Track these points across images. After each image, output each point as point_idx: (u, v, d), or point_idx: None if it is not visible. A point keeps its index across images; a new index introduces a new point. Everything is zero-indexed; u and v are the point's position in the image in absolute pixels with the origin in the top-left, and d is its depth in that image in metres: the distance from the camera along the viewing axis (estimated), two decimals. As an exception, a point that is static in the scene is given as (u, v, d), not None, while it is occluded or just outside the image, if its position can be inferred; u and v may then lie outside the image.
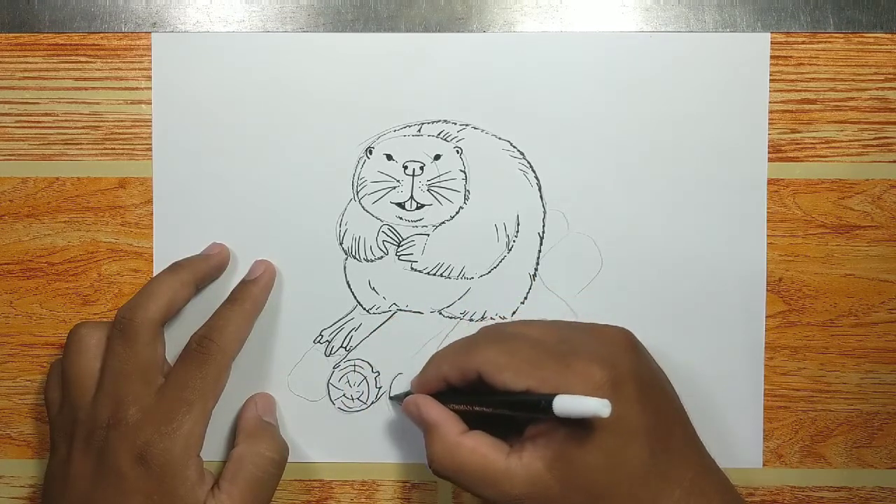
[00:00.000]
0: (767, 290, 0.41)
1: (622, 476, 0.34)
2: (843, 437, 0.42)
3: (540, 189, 0.41)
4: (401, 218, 0.41)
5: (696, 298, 0.41)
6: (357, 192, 0.41)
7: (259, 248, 0.42)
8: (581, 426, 0.33)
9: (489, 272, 0.42)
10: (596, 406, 0.31)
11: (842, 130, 0.41)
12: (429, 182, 0.41)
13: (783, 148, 0.41)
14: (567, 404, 0.32)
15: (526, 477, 0.34)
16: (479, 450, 0.35)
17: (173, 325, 0.41)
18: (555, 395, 0.32)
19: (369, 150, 0.41)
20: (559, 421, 0.33)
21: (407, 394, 0.40)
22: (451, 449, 0.36)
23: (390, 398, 0.42)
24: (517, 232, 0.42)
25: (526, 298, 0.42)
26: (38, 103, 0.42)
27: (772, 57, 0.41)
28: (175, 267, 0.40)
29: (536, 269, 0.42)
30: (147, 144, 0.42)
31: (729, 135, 0.41)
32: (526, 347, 0.36)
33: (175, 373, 0.38)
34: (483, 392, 0.36)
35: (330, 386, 0.42)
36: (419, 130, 0.41)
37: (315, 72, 0.41)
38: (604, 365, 0.34)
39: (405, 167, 0.41)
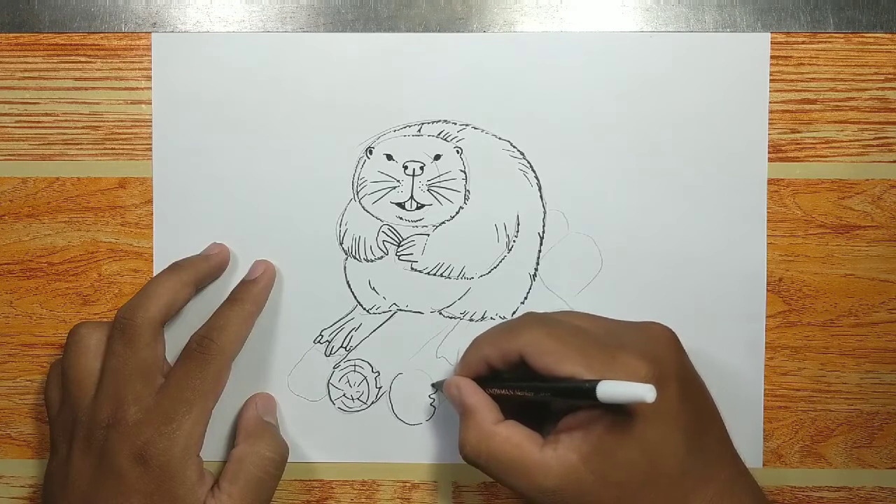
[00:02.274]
0: (767, 290, 0.41)
1: (658, 472, 0.33)
2: (843, 437, 0.42)
3: (540, 189, 0.41)
4: (401, 218, 0.41)
5: (696, 298, 0.41)
6: (357, 192, 0.41)
7: (259, 248, 0.42)
8: (620, 420, 0.33)
9: (489, 272, 0.42)
10: (641, 391, 0.31)
11: (842, 130, 0.41)
12: (429, 182, 0.41)
13: (783, 148, 0.41)
14: (612, 389, 0.31)
15: (560, 469, 0.34)
16: (513, 439, 0.35)
17: (173, 325, 0.41)
18: (599, 380, 0.32)
19: (369, 150, 0.41)
20: (598, 413, 0.33)
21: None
22: (486, 437, 0.35)
23: (433, 385, 0.42)
24: (517, 232, 0.42)
25: (526, 298, 0.42)
26: (38, 103, 0.42)
27: (772, 57, 0.41)
28: (175, 267, 0.40)
29: (536, 269, 0.42)
30: (147, 144, 0.42)
31: (729, 135, 0.41)
32: (572, 334, 0.35)
33: (175, 373, 0.38)
34: (524, 378, 0.36)
35: (330, 386, 0.42)
36: (419, 130, 0.41)
37: (315, 72, 0.41)
38: (649, 360, 0.34)
39: (405, 167, 0.41)
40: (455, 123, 0.41)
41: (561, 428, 0.35)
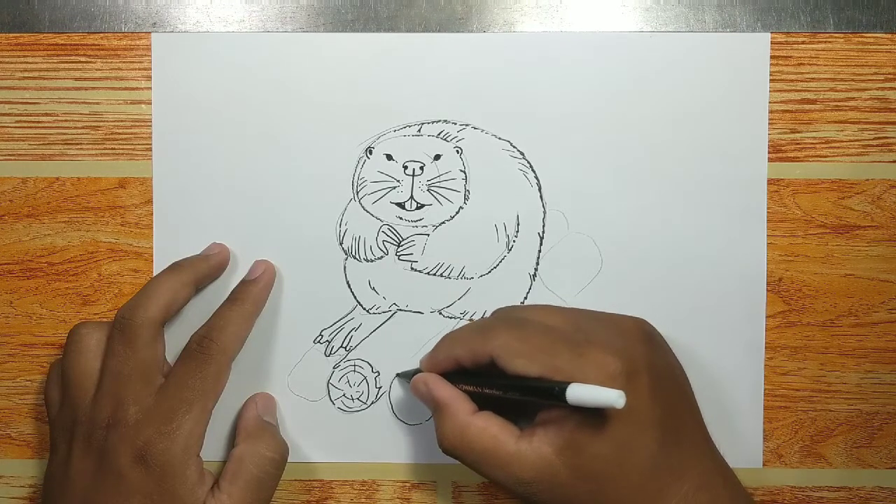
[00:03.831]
0: (767, 290, 0.41)
1: (631, 467, 0.34)
2: (843, 437, 0.42)
3: (540, 189, 0.41)
4: (401, 218, 0.41)
5: (696, 298, 0.41)
6: (357, 192, 0.41)
7: (259, 248, 0.42)
8: (592, 415, 0.33)
9: (489, 272, 0.42)
10: (611, 397, 0.31)
11: (842, 130, 0.41)
12: (429, 182, 0.41)
13: (783, 148, 0.41)
14: (581, 393, 0.32)
15: (535, 461, 0.34)
16: (489, 430, 0.35)
17: (173, 325, 0.41)
18: (569, 383, 0.32)
19: (369, 150, 0.41)
20: (571, 409, 0.33)
21: (416, 372, 0.40)
22: (461, 428, 0.36)
23: (398, 375, 0.42)
24: (517, 232, 0.42)
25: (526, 298, 0.42)
26: (38, 103, 0.42)
27: (772, 57, 0.41)
28: (175, 267, 0.40)
29: (536, 269, 0.42)
30: (147, 144, 0.42)
31: (729, 135, 0.41)
32: (540, 334, 0.35)
33: (175, 373, 0.38)
34: (494, 375, 0.36)
35: (330, 386, 0.42)
36: (419, 130, 0.41)
37: (315, 72, 0.41)
38: (618, 355, 0.34)
39: (405, 167, 0.41)
40: (455, 123, 0.41)
41: (537, 421, 0.35)
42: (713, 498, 0.34)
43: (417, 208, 0.41)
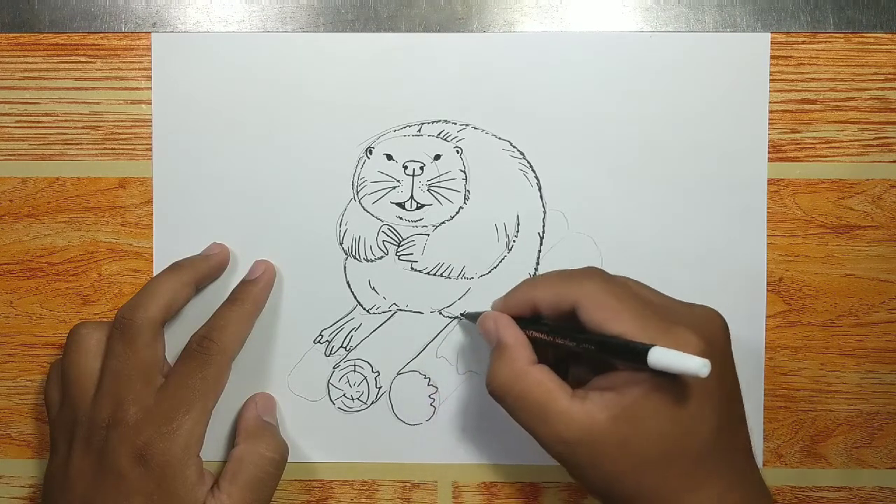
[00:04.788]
0: (767, 290, 0.41)
1: (681, 452, 0.33)
2: (843, 437, 0.42)
3: (540, 189, 0.41)
4: (401, 218, 0.41)
5: (697, 298, 0.41)
6: (357, 192, 0.41)
7: (259, 248, 0.42)
8: (658, 390, 0.33)
9: (489, 272, 0.42)
10: (696, 364, 0.30)
11: (842, 130, 0.41)
12: (429, 182, 0.41)
13: (783, 148, 0.41)
14: (665, 357, 0.31)
15: (584, 423, 0.33)
16: (545, 384, 0.34)
17: (173, 325, 0.41)
18: (652, 344, 0.31)
19: (369, 150, 0.41)
20: (635, 377, 0.33)
21: (483, 313, 0.39)
22: (518, 375, 0.35)
23: (462, 315, 0.41)
24: (517, 232, 0.42)
25: (526, 298, 0.42)
26: (38, 103, 0.42)
27: (772, 57, 0.41)
28: (175, 267, 0.40)
29: (536, 269, 0.42)
30: (147, 144, 0.42)
31: (729, 135, 0.41)
32: (632, 297, 0.35)
33: (175, 373, 0.38)
34: (567, 328, 0.35)
35: (330, 386, 0.42)
36: (419, 130, 0.41)
37: (315, 72, 0.41)
38: (702, 338, 0.33)
39: (405, 167, 0.41)
40: (455, 123, 0.41)
41: (592, 386, 0.34)
42: (743, 497, 0.34)
43: (417, 208, 0.41)
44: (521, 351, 0.36)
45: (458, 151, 0.41)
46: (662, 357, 0.31)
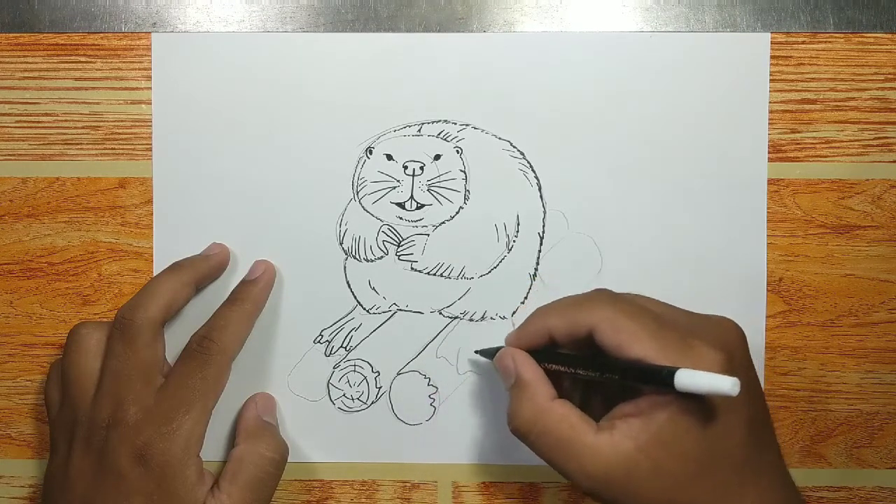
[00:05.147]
0: (767, 290, 0.41)
1: (716, 466, 0.33)
2: (843, 437, 0.42)
3: (540, 189, 0.41)
4: (401, 218, 0.41)
5: (697, 298, 0.41)
6: (357, 192, 0.41)
7: (259, 248, 0.42)
8: (686, 411, 0.32)
9: (489, 272, 0.42)
10: (725, 384, 0.29)
11: (842, 130, 0.41)
12: (429, 182, 0.41)
13: (783, 148, 0.41)
14: (693, 379, 0.30)
15: (612, 456, 0.32)
16: (569, 419, 0.34)
17: (173, 325, 0.41)
18: (677, 367, 0.31)
19: (369, 150, 0.41)
20: (660, 401, 0.32)
21: (498, 349, 0.38)
22: (540, 412, 0.34)
23: (477, 352, 0.41)
24: (517, 232, 0.42)
25: (526, 298, 0.42)
26: (38, 103, 0.42)
27: (772, 57, 0.41)
28: (175, 267, 0.40)
29: (536, 269, 0.42)
30: (147, 144, 0.42)
31: (729, 135, 0.41)
32: (647, 316, 0.34)
33: (175, 373, 0.38)
34: (584, 357, 0.35)
35: (330, 386, 0.42)
36: (419, 130, 0.41)
37: (315, 72, 0.41)
38: (723, 351, 0.33)
39: (405, 167, 0.41)
40: (455, 123, 0.41)
41: (616, 414, 0.34)
42: (783, 498, 0.34)
43: (417, 208, 0.41)
44: (541, 387, 0.35)
45: (458, 151, 0.41)
46: (690, 379, 0.30)
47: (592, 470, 0.33)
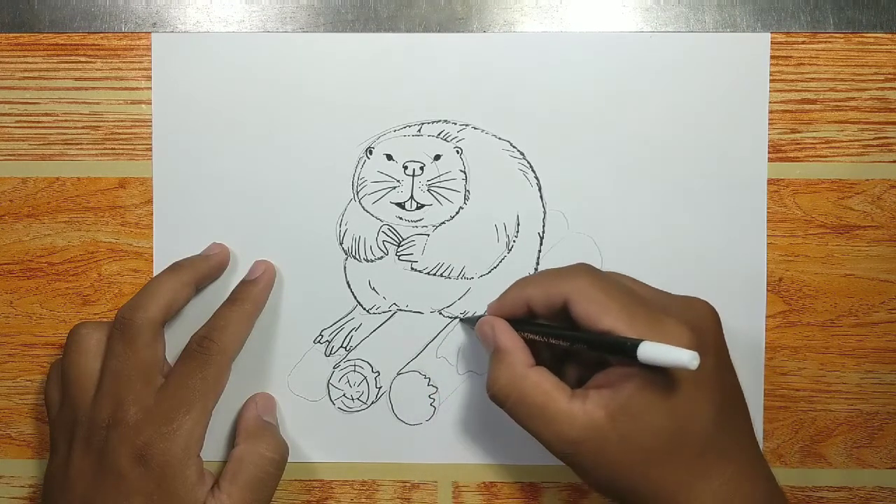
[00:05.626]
0: (767, 290, 0.41)
1: (682, 443, 0.33)
2: (843, 437, 0.42)
3: (540, 189, 0.41)
4: (401, 218, 0.41)
5: (696, 298, 0.41)
6: (357, 192, 0.41)
7: (259, 248, 0.42)
8: (652, 384, 0.33)
9: (489, 272, 0.42)
10: (685, 357, 0.30)
11: (842, 130, 0.41)
12: (429, 182, 0.41)
13: (783, 148, 0.41)
14: (654, 351, 0.31)
15: (585, 422, 0.33)
16: (543, 385, 0.35)
17: (173, 325, 0.41)
18: (641, 339, 0.32)
19: (369, 150, 0.41)
20: (630, 372, 0.33)
21: (480, 317, 0.39)
22: (517, 378, 0.35)
23: (461, 321, 0.41)
24: (517, 232, 0.42)
25: (526, 298, 0.42)
26: (38, 103, 0.42)
27: (772, 57, 0.41)
28: (175, 267, 0.40)
29: (536, 269, 0.42)
30: (147, 144, 0.42)
31: (729, 135, 0.41)
32: (620, 291, 0.35)
33: (175, 373, 0.38)
34: (560, 327, 0.36)
35: (330, 386, 0.42)
36: (419, 130, 0.41)
37: (315, 72, 0.41)
38: (693, 330, 0.34)
39: (405, 167, 0.41)
40: (455, 123, 0.41)
41: (591, 384, 0.35)
42: (753, 488, 0.34)
43: (417, 208, 0.41)
44: (518, 354, 0.36)
45: (458, 151, 0.41)
46: (652, 351, 0.31)
47: (566, 435, 0.34)
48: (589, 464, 0.34)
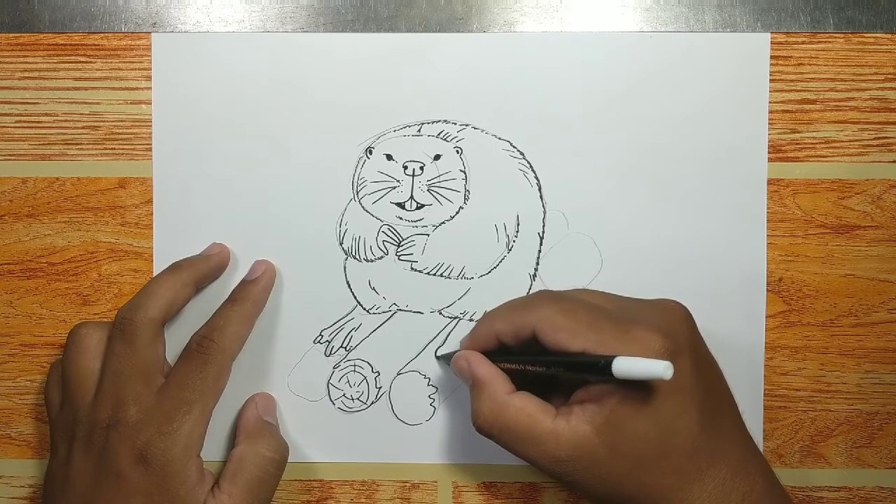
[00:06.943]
0: (767, 290, 0.41)
1: (671, 447, 0.34)
2: (843, 437, 0.42)
3: (540, 189, 0.41)
4: (401, 218, 0.41)
5: (696, 298, 0.41)
6: (357, 192, 0.41)
7: (259, 248, 0.42)
8: (633, 394, 0.33)
9: (489, 272, 0.42)
10: (658, 368, 0.30)
11: (842, 130, 0.41)
12: (429, 182, 0.41)
13: (783, 148, 0.41)
14: (627, 366, 0.31)
15: (572, 439, 0.34)
16: (527, 409, 0.35)
17: (173, 325, 0.41)
18: (614, 356, 0.32)
19: (369, 150, 0.41)
20: (612, 386, 0.33)
21: (456, 352, 0.40)
22: (499, 407, 0.36)
23: (437, 356, 0.42)
24: (517, 232, 0.42)
25: (526, 298, 0.42)
26: (38, 103, 0.42)
27: (772, 57, 0.41)
28: (175, 267, 0.40)
29: (536, 269, 0.42)
30: (147, 144, 0.42)
31: (729, 135, 0.41)
32: (585, 310, 0.35)
33: (175, 373, 0.38)
34: (535, 353, 0.36)
35: (330, 386, 0.42)
36: (419, 130, 0.41)
37: (315, 72, 0.41)
38: (663, 334, 0.34)
39: (405, 167, 0.41)
40: (455, 123, 0.41)
41: (574, 400, 0.35)
42: (750, 484, 0.34)
43: (417, 208, 0.41)
44: (497, 384, 0.36)
45: (458, 151, 0.41)
46: (626, 366, 0.31)
47: (555, 454, 0.34)
48: (583, 479, 0.34)
